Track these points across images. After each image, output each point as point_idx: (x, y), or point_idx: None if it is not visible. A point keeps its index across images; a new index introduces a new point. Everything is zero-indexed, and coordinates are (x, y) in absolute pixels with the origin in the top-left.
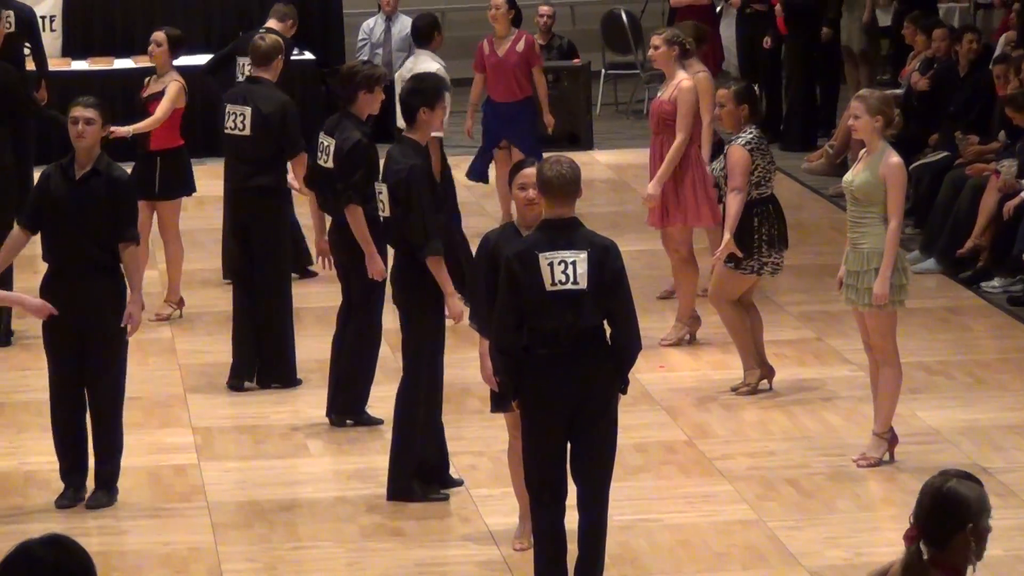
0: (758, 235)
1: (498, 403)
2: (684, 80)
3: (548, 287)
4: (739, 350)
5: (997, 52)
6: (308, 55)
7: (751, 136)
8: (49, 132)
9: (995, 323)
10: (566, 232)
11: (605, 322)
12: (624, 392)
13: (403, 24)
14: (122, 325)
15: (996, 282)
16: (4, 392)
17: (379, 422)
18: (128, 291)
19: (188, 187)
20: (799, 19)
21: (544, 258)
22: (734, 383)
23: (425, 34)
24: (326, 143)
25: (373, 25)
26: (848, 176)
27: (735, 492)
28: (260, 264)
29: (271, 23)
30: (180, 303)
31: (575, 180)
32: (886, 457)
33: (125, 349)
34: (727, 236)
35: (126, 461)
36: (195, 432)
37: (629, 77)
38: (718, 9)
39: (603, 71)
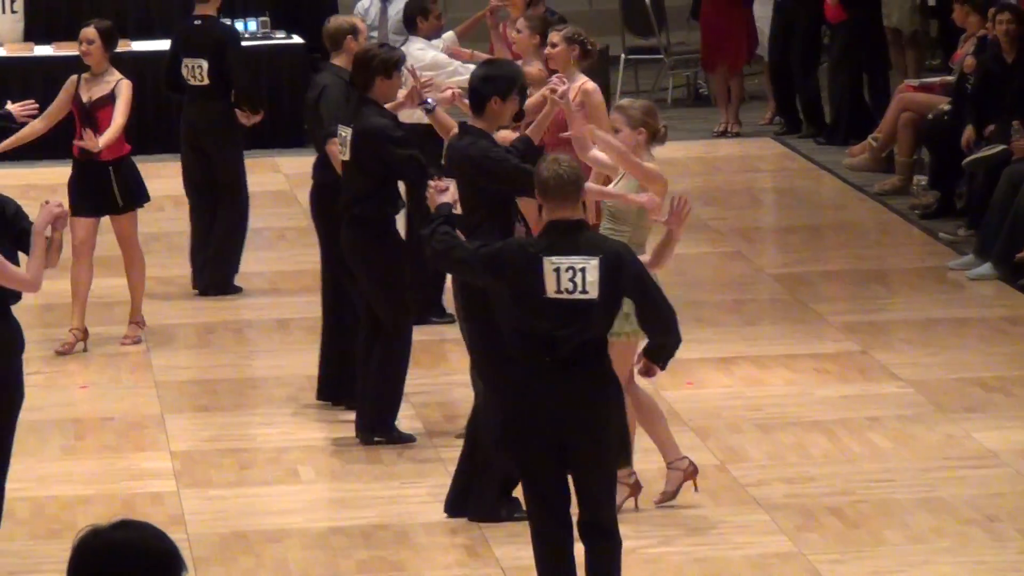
0: None
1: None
2: (587, 83)
3: (551, 294)
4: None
5: None
6: (297, 39)
7: None
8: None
9: None
10: (572, 236)
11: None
12: (663, 368)
13: (400, 5)
14: None
15: None
16: None
17: (411, 439)
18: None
19: (145, 195)
20: (858, 2)
21: (550, 263)
22: (765, 402)
23: (410, 20)
24: (345, 134)
25: (368, 6)
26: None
27: (771, 522)
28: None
29: (198, 9)
30: (85, 334)
31: (574, 181)
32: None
33: (15, 408)
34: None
35: (97, 488)
36: (173, 456)
37: (652, 62)
38: None
39: (623, 56)
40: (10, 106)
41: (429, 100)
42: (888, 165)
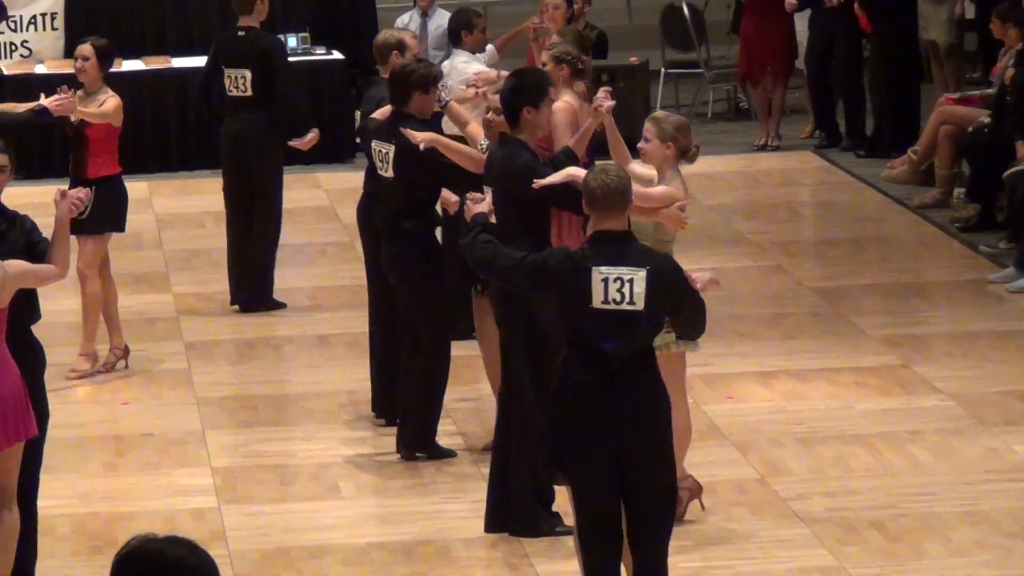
0: None
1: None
2: (559, 101)
3: (598, 304)
4: None
5: None
6: (337, 55)
7: None
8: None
9: None
10: (620, 247)
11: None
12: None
13: (440, 20)
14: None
15: None
16: None
17: (452, 454)
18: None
19: (120, 222)
20: (883, 13)
21: (598, 272)
22: (806, 416)
23: (455, 34)
24: (384, 150)
25: (408, 21)
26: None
27: (813, 536)
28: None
29: (242, 21)
30: (125, 352)
31: (622, 191)
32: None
33: (42, 427)
34: None
35: (139, 505)
36: (215, 472)
37: (692, 77)
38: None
39: (662, 70)
40: (44, 100)
41: (442, 95)
42: (928, 178)
